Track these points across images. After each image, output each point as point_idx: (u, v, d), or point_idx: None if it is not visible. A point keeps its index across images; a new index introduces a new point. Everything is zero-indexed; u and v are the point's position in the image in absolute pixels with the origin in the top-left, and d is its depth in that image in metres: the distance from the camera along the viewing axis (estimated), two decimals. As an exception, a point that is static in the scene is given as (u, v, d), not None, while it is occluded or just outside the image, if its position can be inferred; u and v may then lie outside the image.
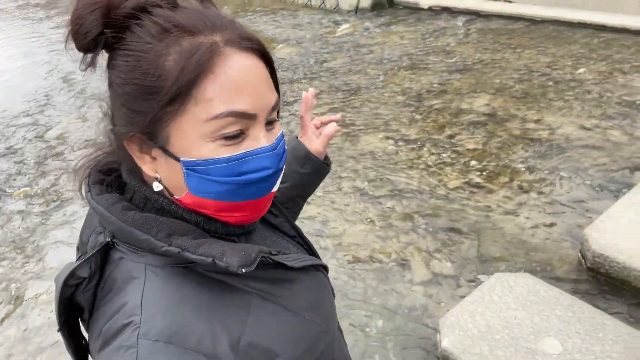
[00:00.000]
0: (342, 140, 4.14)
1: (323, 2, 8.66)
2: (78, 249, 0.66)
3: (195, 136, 0.53)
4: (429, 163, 3.65)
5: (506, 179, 3.35)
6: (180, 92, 0.52)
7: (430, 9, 7.29)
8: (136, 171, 0.61)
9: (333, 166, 3.73)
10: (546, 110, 4.09)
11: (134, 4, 0.53)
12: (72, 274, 0.55)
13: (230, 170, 0.55)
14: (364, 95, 4.93)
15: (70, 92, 6.19)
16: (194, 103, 0.52)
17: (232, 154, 0.54)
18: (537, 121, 3.96)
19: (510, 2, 6.57)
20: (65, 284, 0.55)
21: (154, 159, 0.58)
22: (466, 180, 3.40)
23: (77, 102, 5.87)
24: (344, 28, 7.26)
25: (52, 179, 4.26)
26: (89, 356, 0.61)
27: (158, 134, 0.55)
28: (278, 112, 0.61)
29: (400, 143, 3.97)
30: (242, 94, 0.53)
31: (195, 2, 0.58)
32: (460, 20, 6.62)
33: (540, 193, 3.14)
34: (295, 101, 5.02)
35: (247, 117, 0.54)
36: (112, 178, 0.64)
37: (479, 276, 2.56)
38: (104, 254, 0.58)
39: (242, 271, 0.54)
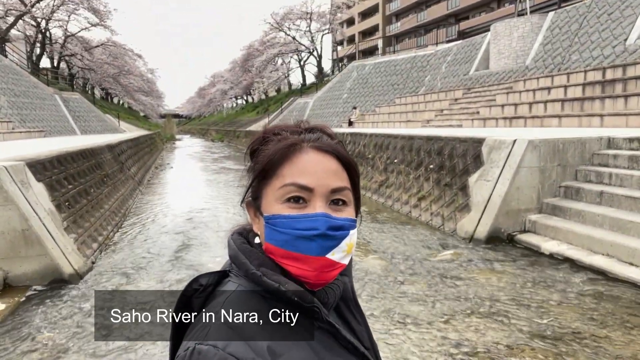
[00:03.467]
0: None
1: (442, 225, 8.42)
2: None
3: (272, 199, 0.76)
4: None
5: None
6: (267, 171, 0.77)
7: (551, 256, 6.38)
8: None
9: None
10: None
11: (271, 131, 0.82)
12: (196, 280, 0.77)
13: (288, 225, 0.73)
14: (412, 333, 4.22)
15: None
16: (276, 178, 0.76)
17: (294, 213, 0.74)
18: None
19: (649, 269, 5.35)
20: (190, 285, 0.76)
21: (259, 221, 0.79)
22: None
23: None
24: (445, 254, 6.78)
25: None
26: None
27: (258, 198, 0.79)
28: (358, 208, 0.82)
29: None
30: (306, 174, 0.75)
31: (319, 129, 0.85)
32: (579, 277, 5.56)
33: None
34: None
35: (305, 188, 0.75)
36: (246, 233, 0.86)
37: None
38: (221, 279, 0.78)
39: (295, 298, 0.71)
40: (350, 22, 63.96)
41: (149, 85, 59.61)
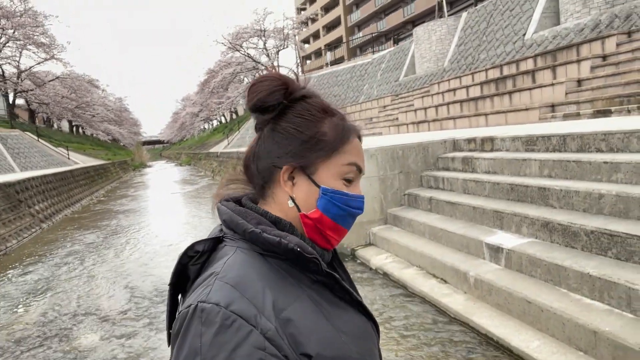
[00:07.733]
0: None
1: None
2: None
3: (332, 174, 0.80)
4: None
5: None
6: (334, 147, 0.80)
7: (376, 271, 6.05)
8: (255, 198, 0.85)
9: None
10: None
11: (303, 93, 0.82)
12: (192, 247, 0.77)
13: (345, 202, 0.80)
14: None
15: None
16: (338, 154, 0.80)
17: (348, 192, 0.80)
18: None
19: (445, 282, 5.00)
20: (186, 253, 0.77)
21: (294, 184, 0.80)
22: None
23: None
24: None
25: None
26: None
27: (310, 167, 0.80)
28: None
29: None
30: (359, 157, 0.83)
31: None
32: (380, 295, 5.21)
33: None
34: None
35: (359, 170, 0.82)
36: (233, 200, 0.87)
37: None
38: (215, 245, 0.78)
39: (297, 249, 0.73)
40: (315, 35, 64.42)
41: (117, 114, 59.22)
